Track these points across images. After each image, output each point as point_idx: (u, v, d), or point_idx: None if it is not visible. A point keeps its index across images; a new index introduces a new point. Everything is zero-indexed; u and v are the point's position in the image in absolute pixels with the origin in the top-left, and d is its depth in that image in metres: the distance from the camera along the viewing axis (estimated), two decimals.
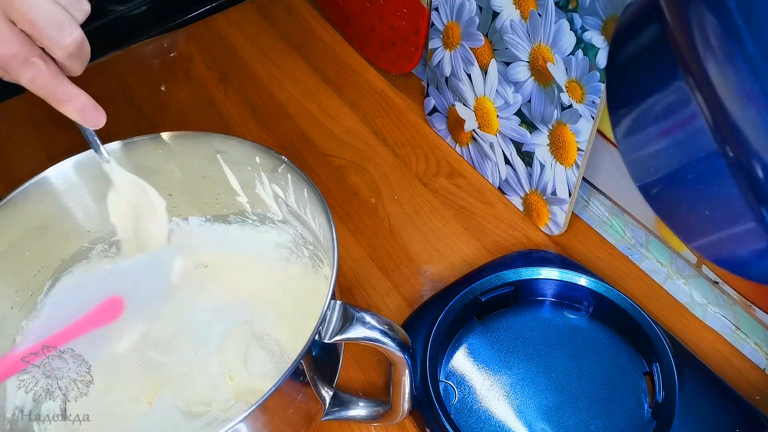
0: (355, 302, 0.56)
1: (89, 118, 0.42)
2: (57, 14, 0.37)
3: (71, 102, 0.41)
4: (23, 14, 0.36)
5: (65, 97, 0.40)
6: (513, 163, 0.62)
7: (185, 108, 0.76)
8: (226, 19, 0.87)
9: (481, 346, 0.52)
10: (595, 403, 0.49)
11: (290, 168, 0.46)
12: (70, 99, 0.40)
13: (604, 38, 0.49)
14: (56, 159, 0.47)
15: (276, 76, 0.79)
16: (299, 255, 0.52)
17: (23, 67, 0.38)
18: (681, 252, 0.56)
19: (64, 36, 0.38)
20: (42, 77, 0.38)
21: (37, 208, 0.47)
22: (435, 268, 0.60)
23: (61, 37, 0.38)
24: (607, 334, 0.52)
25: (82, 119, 0.42)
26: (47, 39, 0.38)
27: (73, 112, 0.41)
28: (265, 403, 0.35)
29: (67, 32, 0.38)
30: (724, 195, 0.31)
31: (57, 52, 0.38)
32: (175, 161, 0.50)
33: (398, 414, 0.46)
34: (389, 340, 0.39)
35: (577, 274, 0.53)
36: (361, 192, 0.67)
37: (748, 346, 0.53)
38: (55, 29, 0.37)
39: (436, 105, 0.70)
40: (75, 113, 0.41)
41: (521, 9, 0.54)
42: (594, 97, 0.51)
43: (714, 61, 0.29)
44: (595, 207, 0.62)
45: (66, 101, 0.40)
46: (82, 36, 0.39)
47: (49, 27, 0.37)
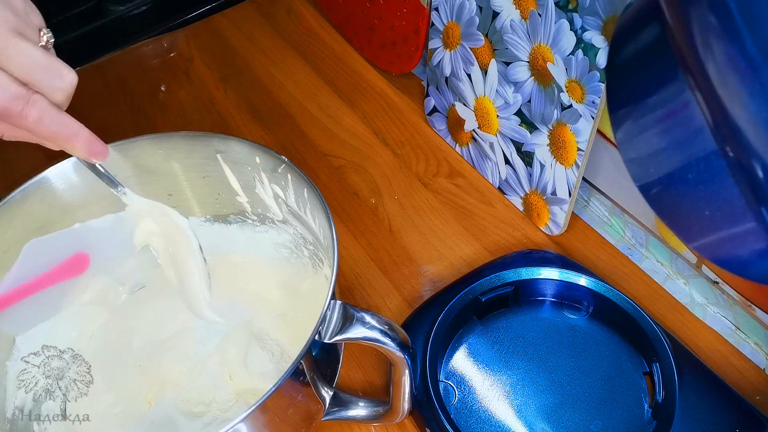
0: (355, 302, 0.56)
1: (97, 152, 0.41)
2: (50, 60, 0.37)
3: (78, 137, 0.40)
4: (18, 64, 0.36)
5: (72, 133, 0.39)
6: (513, 163, 0.62)
7: (185, 108, 0.76)
8: (226, 19, 0.87)
9: (481, 346, 0.52)
10: (595, 403, 0.49)
11: (290, 168, 0.46)
12: (77, 134, 0.40)
13: (604, 38, 0.49)
14: (56, 159, 0.47)
15: (276, 76, 0.79)
16: (299, 255, 0.52)
17: (27, 107, 0.36)
18: (681, 252, 0.56)
19: (63, 80, 0.37)
20: (50, 114, 0.37)
21: (37, 208, 0.47)
22: (435, 268, 0.60)
23: (60, 82, 0.37)
24: (607, 334, 0.52)
25: (89, 153, 0.41)
26: (46, 85, 0.37)
27: (82, 148, 0.40)
28: (265, 403, 0.35)
29: (65, 73, 0.38)
30: (724, 195, 0.31)
31: (57, 96, 0.38)
32: (175, 161, 0.50)
33: (398, 414, 0.46)
34: (389, 340, 0.39)
35: (577, 274, 0.53)
36: (361, 192, 0.67)
37: (748, 346, 0.53)
38: (53, 75, 0.37)
39: (436, 105, 0.70)
40: (83, 149, 0.40)
41: (521, 9, 0.54)
42: (594, 97, 0.51)
43: (714, 61, 0.28)
44: (595, 207, 0.62)
45: (74, 137, 0.39)
46: (76, 76, 0.38)
47: (46, 73, 0.37)
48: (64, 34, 0.86)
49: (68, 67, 0.38)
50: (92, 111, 0.76)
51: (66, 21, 0.87)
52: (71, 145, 0.40)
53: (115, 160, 0.49)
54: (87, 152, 0.41)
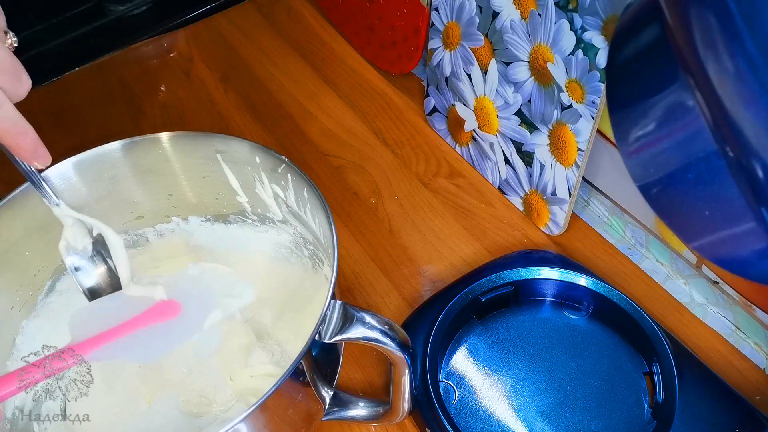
0: (355, 302, 0.56)
1: (41, 155, 0.40)
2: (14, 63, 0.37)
3: (26, 137, 0.39)
4: None
5: (22, 131, 0.39)
6: (513, 163, 0.62)
7: (185, 108, 0.76)
8: (226, 19, 0.87)
9: (481, 346, 0.52)
10: (595, 403, 0.49)
11: (290, 168, 0.46)
12: (26, 134, 0.39)
13: (604, 38, 0.49)
14: (56, 159, 0.47)
15: (276, 76, 0.79)
16: (299, 255, 0.52)
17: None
18: (681, 252, 0.56)
19: (22, 86, 0.37)
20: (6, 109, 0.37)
21: (37, 208, 0.47)
22: (435, 268, 0.60)
23: (19, 86, 0.37)
24: (607, 334, 0.52)
25: (33, 155, 0.40)
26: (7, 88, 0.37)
27: (27, 148, 0.39)
28: (265, 403, 0.35)
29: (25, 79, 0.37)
30: (724, 195, 0.31)
31: (13, 99, 0.37)
32: (175, 161, 0.50)
33: (398, 414, 0.46)
34: (389, 340, 0.39)
35: (577, 274, 0.53)
36: (361, 192, 0.67)
37: (748, 346, 0.53)
38: (14, 78, 0.37)
39: (436, 105, 0.70)
40: (28, 149, 0.39)
41: (521, 9, 0.54)
42: (594, 97, 0.51)
43: (714, 61, 0.28)
44: (595, 207, 0.63)
45: (23, 135, 0.39)
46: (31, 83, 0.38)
47: (10, 76, 0.37)
48: (64, 34, 0.86)
49: (26, 73, 0.38)
50: (92, 111, 0.76)
51: (66, 21, 0.87)
52: (18, 143, 0.39)
53: (116, 159, 0.49)
54: (31, 154, 0.40)
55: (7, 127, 0.38)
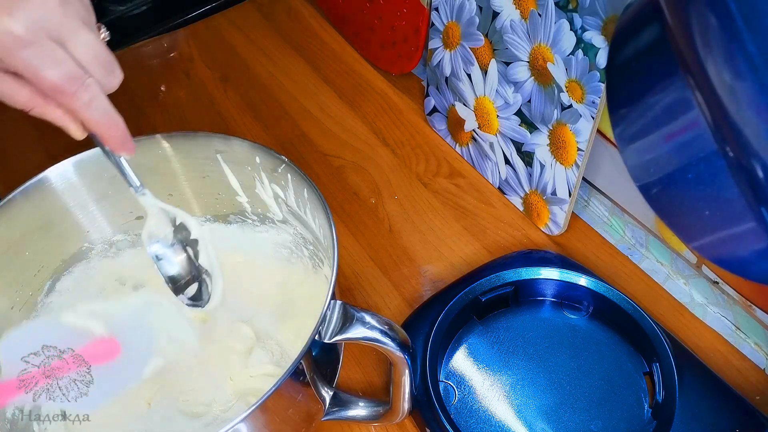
0: (355, 302, 0.56)
1: (128, 146, 0.41)
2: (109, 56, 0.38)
3: (117, 127, 0.40)
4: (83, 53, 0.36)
5: (113, 122, 0.39)
6: (513, 163, 0.62)
7: (185, 108, 0.76)
8: (226, 19, 0.87)
9: (481, 346, 0.52)
10: (595, 403, 0.49)
11: (290, 168, 0.46)
12: (117, 125, 0.40)
13: (604, 38, 0.49)
14: (56, 159, 0.47)
15: (276, 76, 0.79)
16: (299, 255, 0.52)
17: (81, 89, 0.37)
18: (681, 252, 0.56)
19: (115, 78, 0.39)
20: (99, 100, 0.38)
21: (37, 208, 0.47)
22: (435, 268, 0.60)
23: (112, 78, 0.38)
24: (607, 334, 0.52)
25: (121, 145, 0.41)
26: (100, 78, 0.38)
27: (117, 138, 0.40)
28: (265, 403, 0.35)
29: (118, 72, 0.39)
30: (724, 195, 0.31)
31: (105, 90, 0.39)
32: (175, 161, 0.50)
33: (398, 414, 0.46)
34: (389, 340, 0.39)
35: (577, 274, 0.53)
36: (361, 192, 0.67)
37: (748, 346, 0.53)
38: (108, 70, 0.38)
39: (436, 105, 0.70)
40: (117, 140, 0.40)
41: (521, 9, 0.54)
42: (594, 97, 0.51)
43: (714, 61, 0.28)
44: (595, 207, 0.62)
45: (114, 126, 0.40)
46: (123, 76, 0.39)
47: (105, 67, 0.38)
48: None
49: (119, 66, 0.39)
50: None
51: None
52: (109, 134, 0.40)
53: None
54: (120, 144, 0.41)
55: (100, 119, 0.38)
